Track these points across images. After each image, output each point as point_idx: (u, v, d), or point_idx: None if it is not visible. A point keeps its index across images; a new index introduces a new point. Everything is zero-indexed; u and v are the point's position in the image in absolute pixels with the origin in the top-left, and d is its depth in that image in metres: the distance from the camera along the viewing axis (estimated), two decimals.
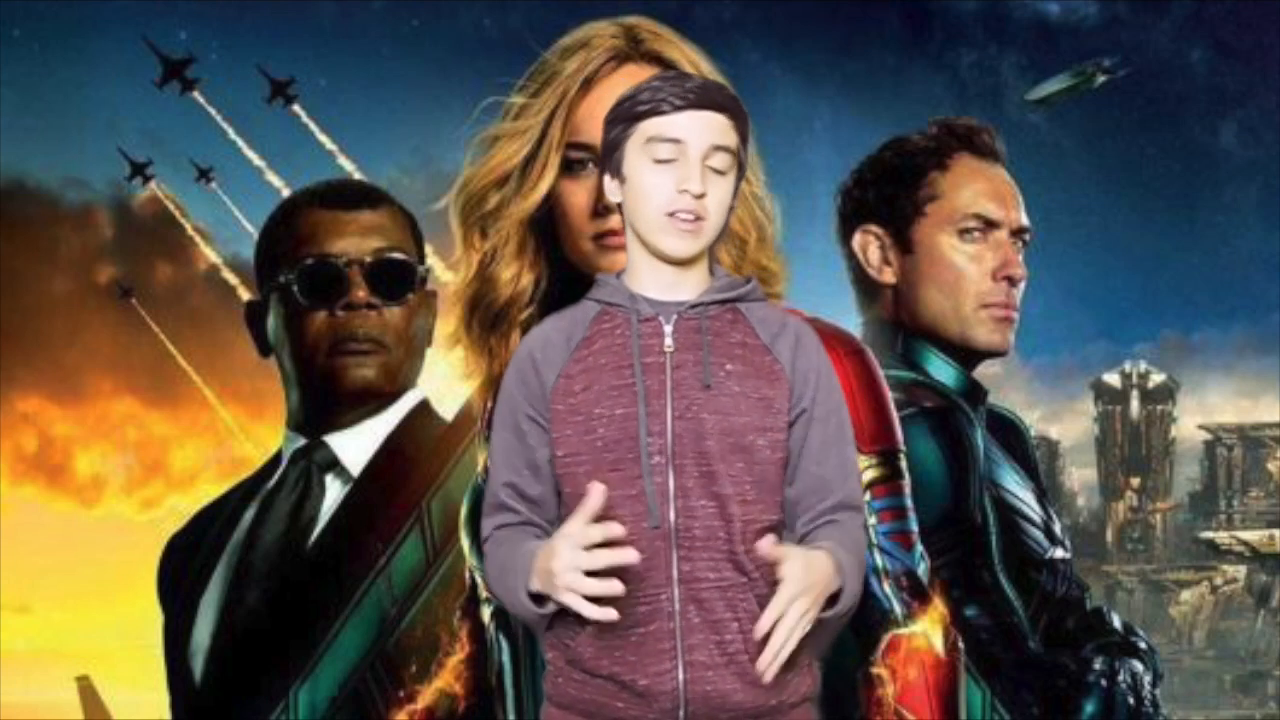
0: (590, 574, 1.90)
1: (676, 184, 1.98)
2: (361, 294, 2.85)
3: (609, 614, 1.90)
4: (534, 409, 2.01)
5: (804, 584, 1.91)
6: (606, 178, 2.04)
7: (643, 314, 2.01)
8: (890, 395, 2.22)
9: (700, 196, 1.98)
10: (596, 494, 1.92)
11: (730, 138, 2.01)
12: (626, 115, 2.01)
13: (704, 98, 2.00)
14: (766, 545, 1.93)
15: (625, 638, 1.97)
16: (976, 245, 2.91)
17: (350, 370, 2.85)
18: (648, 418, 1.97)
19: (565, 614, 1.99)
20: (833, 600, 1.96)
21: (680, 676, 1.95)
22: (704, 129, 1.99)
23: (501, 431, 2.04)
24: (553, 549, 1.92)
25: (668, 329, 2.00)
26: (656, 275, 2.02)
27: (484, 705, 2.35)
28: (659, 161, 1.99)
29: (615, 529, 1.90)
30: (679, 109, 1.99)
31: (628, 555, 1.90)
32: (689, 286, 2.02)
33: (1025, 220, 2.95)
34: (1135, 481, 18.08)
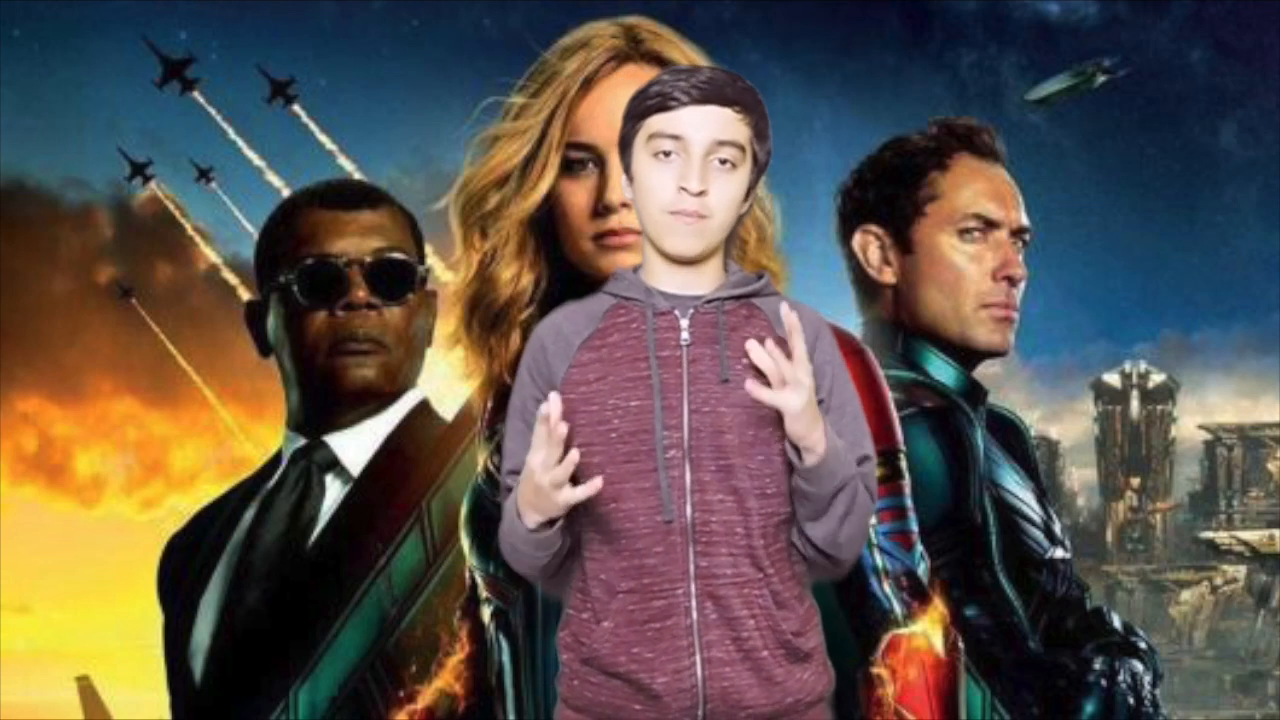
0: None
1: (677, 181, 1.97)
2: (361, 294, 2.84)
3: (594, 484, 1.91)
4: (543, 396, 1.98)
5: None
6: (623, 176, 2.04)
7: (658, 307, 2.00)
8: (890, 395, 2.22)
9: (701, 194, 1.97)
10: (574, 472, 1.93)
11: (738, 132, 1.98)
12: (634, 111, 2.00)
13: (710, 93, 1.97)
14: (788, 313, 1.93)
15: (641, 632, 1.96)
16: (976, 245, 2.91)
17: (350, 370, 2.85)
18: (664, 411, 1.96)
19: (580, 611, 2.00)
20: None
21: (699, 673, 1.95)
22: (707, 124, 1.97)
23: (512, 419, 2.04)
24: (525, 489, 1.94)
25: (684, 322, 1.99)
26: (671, 272, 2.01)
27: (484, 705, 2.35)
28: (659, 158, 1.97)
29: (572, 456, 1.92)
30: (684, 105, 1.97)
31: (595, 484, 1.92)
32: (704, 282, 2.01)
33: (1025, 220, 2.95)
34: (1135, 481, 18.10)
